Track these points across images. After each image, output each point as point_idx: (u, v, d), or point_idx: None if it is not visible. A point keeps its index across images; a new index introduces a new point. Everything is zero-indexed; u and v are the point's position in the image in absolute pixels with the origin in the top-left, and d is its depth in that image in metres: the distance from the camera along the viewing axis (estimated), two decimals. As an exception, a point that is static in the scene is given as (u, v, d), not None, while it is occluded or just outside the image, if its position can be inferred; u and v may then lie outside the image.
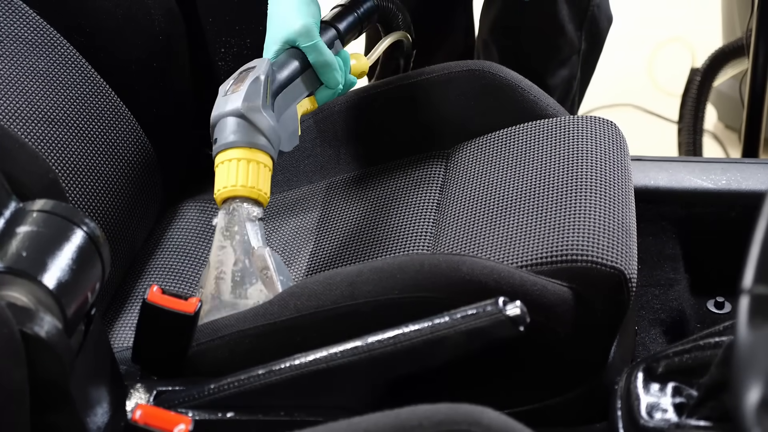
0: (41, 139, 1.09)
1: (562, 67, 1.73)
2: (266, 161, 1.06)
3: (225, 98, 1.07)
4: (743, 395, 0.55)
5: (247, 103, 1.05)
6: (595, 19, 1.73)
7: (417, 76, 1.28)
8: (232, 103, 1.06)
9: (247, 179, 1.04)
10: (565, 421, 1.02)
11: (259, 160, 1.05)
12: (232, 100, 1.06)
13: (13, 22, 1.16)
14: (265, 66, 1.09)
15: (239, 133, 1.05)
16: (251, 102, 1.05)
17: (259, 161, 1.05)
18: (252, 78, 1.07)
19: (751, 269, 0.60)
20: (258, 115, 1.05)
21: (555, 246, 0.99)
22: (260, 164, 1.05)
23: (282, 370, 0.87)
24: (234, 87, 1.08)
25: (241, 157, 1.04)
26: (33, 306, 0.73)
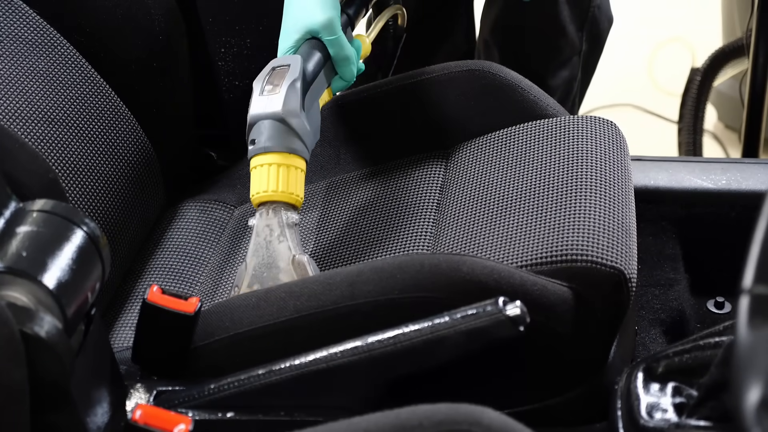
0: (41, 139, 1.09)
1: (562, 67, 1.73)
2: (302, 165, 1.08)
3: (262, 98, 1.07)
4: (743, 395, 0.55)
5: (287, 107, 1.06)
6: (595, 20, 1.73)
7: (417, 76, 1.28)
8: (271, 106, 1.06)
9: (286, 184, 1.06)
10: (565, 421, 1.02)
11: (296, 165, 1.07)
12: (272, 103, 1.06)
13: (13, 22, 1.16)
14: (299, 67, 1.09)
15: (278, 138, 1.06)
16: (290, 106, 1.06)
17: (296, 166, 1.07)
18: (290, 80, 1.07)
19: (751, 269, 0.60)
20: (296, 120, 1.06)
21: (555, 246, 0.99)
22: (297, 169, 1.07)
23: (282, 370, 0.87)
24: (271, 86, 1.08)
25: (279, 163, 1.06)
26: (33, 306, 0.73)
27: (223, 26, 1.33)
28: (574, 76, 1.76)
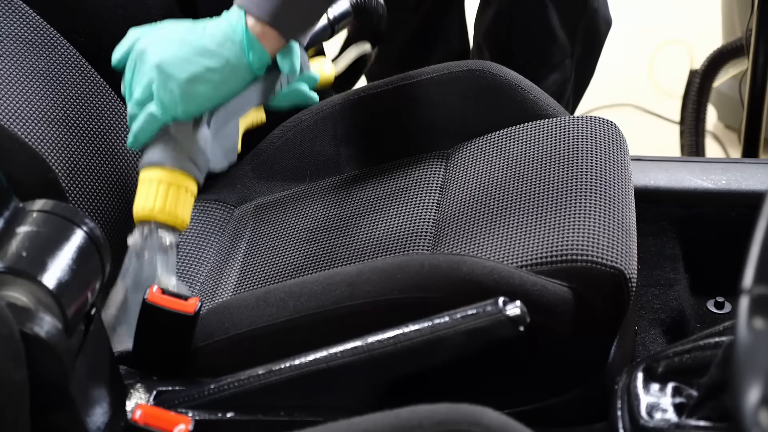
0: (41, 139, 1.09)
1: (553, 71, 1.73)
2: (190, 186, 1.02)
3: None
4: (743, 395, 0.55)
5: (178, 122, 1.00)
6: (593, 23, 1.74)
7: (417, 76, 1.28)
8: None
9: (165, 204, 1.00)
10: (565, 421, 1.02)
11: (183, 184, 1.02)
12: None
13: (13, 22, 1.16)
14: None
15: (165, 153, 1.01)
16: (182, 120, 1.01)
17: (181, 185, 1.01)
18: None
19: (751, 269, 0.60)
20: (188, 136, 1.01)
21: (555, 246, 0.99)
22: (182, 188, 1.01)
23: (282, 370, 0.87)
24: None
25: (163, 180, 1.01)
26: (33, 306, 0.73)
27: (223, 26, 1.33)
28: (567, 78, 1.76)
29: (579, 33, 1.72)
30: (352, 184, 1.26)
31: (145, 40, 1.01)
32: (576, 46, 1.73)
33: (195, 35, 1.00)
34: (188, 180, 1.02)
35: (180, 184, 1.01)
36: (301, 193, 1.29)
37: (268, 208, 1.29)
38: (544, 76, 1.72)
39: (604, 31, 1.77)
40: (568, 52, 1.73)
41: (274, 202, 1.30)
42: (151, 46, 0.99)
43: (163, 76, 0.98)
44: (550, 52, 1.71)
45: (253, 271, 1.18)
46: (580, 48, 1.74)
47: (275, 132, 1.33)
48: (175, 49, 0.99)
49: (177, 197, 1.01)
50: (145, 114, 0.99)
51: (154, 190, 1.00)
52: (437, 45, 1.83)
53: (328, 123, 1.31)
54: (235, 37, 0.99)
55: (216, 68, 0.98)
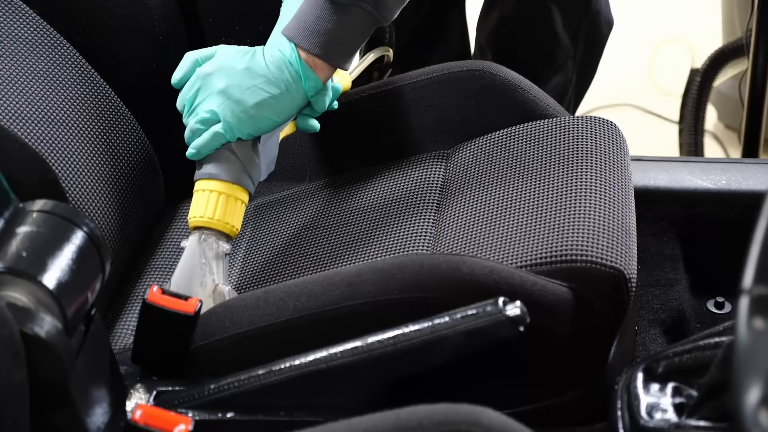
0: (41, 139, 1.09)
1: (556, 73, 1.74)
2: (244, 198, 1.10)
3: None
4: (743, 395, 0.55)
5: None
6: (594, 25, 1.74)
7: (417, 76, 1.28)
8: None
9: (224, 214, 1.08)
10: (565, 421, 1.02)
11: (238, 196, 1.09)
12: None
13: (13, 22, 1.16)
14: None
15: (226, 168, 1.08)
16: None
17: (237, 197, 1.09)
18: None
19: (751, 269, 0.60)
20: (247, 153, 1.09)
21: (555, 246, 0.99)
22: (238, 200, 1.09)
23: (282, 370, 0.87)
24: None
25: (221, 191, 1.08)
26: (33, 306, 0.73)
27: (223, 26, 1.33)
28: (569, 80, 1.76)
29: (581, 35, 1.72)
30: (352, 184, 1.26)
31: (210, 65, 1.08)
32: (578, 47, 1.73)
33: (256, 63, 1.07)
34: (242, 192, 1.09)
35: (235, 196, 1.09)
36: (301, 193, 1.29)
37: (268, 208, 1.29)
38: (547, 78, 1.72)
39: (606, 32, 1.77)
40: (571, 54, 1.73)
41: (274, 202, 1.30)
42: (218, 72, 1.07)
43: (231, 101, 1.06)
44: (553, 54, 1.71)
45: (253, 271, 1.18)
46: (582, 50, 1.74)
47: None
48: (241, 77, 1.07)
49: (233, 208, 1.09)
50: (211, 133, 1.07)
51: (214, 201, 1.08)
52: (438, 46, 1.83)
53: (328, 123, 1.31)
54: (291, 67, 1.07)
55: (278, 95, 1.07)
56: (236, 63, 1.07)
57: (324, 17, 1.06)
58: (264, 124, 1.08)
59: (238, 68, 1.07)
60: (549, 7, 1.68)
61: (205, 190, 1.08)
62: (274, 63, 1.07)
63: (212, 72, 1.08)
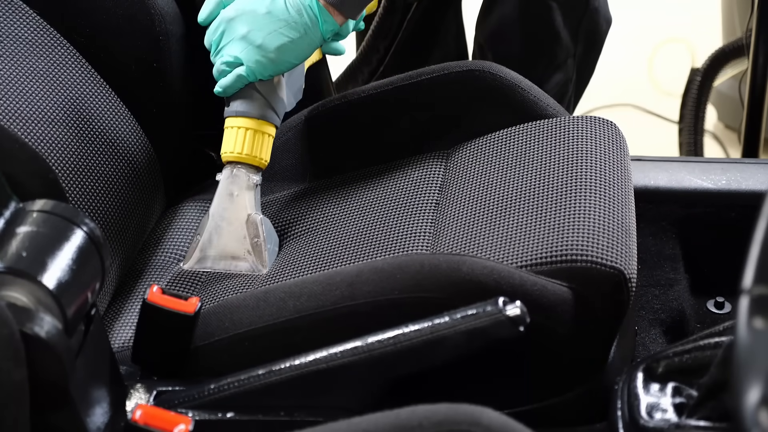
0: (41, 139, 1.09)
1: (556, 71, 1.74)
2: (271, 131, 1.18)
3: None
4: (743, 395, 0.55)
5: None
6: (593, 22, 1.74)
7: (417, 76, 1.28)
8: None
9: (252, 148, 1.16)
10: (565, 421, 1.02)
11: (265, 131, 1.17)
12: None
13: (13, 22, 1.16)
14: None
15: (251, 105, 1.16)
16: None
17: (264, 132, 1.17)
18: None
19: (751, 269, 0.60)
20: (271, 89, 1.16)
21: (555, 246, 0.99)
22: (265, 134, 1.17)
23: (282, 370, 0.87)
24: None
25: (249, 127, 1.16)
26: (33, 306, 0.73)
27: (223, 26, 1.33)
28: (569, 79, 1.76)
29: (581, 33, 1.72)
30: (352, 184, 1.26)
31: (233, 9, 1.14)
32: (578, 45, 1.73)
33: (276, 7, 1.12)
34: (269, 126, 1.18)
35: (263, 131, 1.17)
36: (301, 193, 1.29)
37: (268, 208, 1.29)
38: (548, 77, 1.72)
39: (605, 29, 1.77)
40: (571, 52, 1.73)
41: (274, 202, 1.30)
42: (241, 16, 1.13)
43: (253, 46, 1.12)
44: (554, 52, 1.71)
45: (253, 271, 1.18)
46: (581, 47, 1.74)
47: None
48: (263, 21, 1.12)
49: (261, 142, 1.17)
50: (235, 75, 1.14)
51: (242, 136, 1.16)
52: (434, 47, 1.83)
53: (328, 123, 1.31)
54: (311, 11, 1.12)
55: (297, 39, 1.13)
56: (258, 6, 1.12)
57: None
58: (284, 66, 1.14)
59: (260, 12, 1.12)
60: (549, 6, 1.68)
61: (233, 127, 1.16)
62: (294, 6, 1.12)
63: (235, 16, 1.13)
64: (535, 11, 1.70)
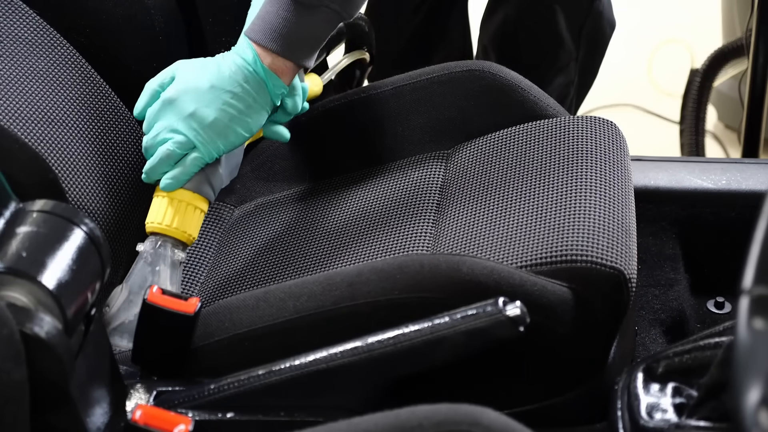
0: (41, 139, 1.09)
1: (559, 74, 1.74)
2: (204, 207, 1.10)
3: None
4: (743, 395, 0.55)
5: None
6: (597, 25, 1.74)
7: (417, 77, 1.28)
8: None
9: (182, 222, 1.08)
10: (565, 421, 1.02)
11: (198, 205, 1.10)
12: None
13: (13, 22, 1.16)
14: None
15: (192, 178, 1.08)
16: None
17: (197, 206, 1.10)
18: None
19: (751, 269, 0.60)
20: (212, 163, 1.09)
21: (555, 246, 0.99)
22: (197, 209, 1.10)
23: (282, 370, 0.87)
24: None
25: (182, 199, 1.08)
26: (33, 306, 0.73)
27: (223, 26, 1.33)
28: (571, 81, 1.77)
29: (584, 36, 1.72)
30: (351, 184, 1.26)
31: (173, 89, 1.07)
32: (580, 48, 1.73)
33: (220, 79, 1.06)
34: (202, 201, 1.10)
35: (195, 204, 1.09)
36: (301, 193, 1.29)
37: (268, 208, 1.29)
38: (550, 79, 1.72)
39: (608, 33, 1.77)
40: (573, 55, 1.73)
41: (274, 202, 1.30)
42: (183, 95, 1.06)
43: (204, 125, 1.06)
44: (556, 55, 1.72)
45: (253, 271, 1.18)
46: (584, 50, 1.74)
47: (275, 132, 1.33)
48: (208, 97, 1.06)
49: (191, 216, 1.09)
50: (190, 160, 1.07)
51: (172, 208, 1.08)
52: (439, 46, 1.83)
53: (328, 123, 1.31)
54: (256, 75, 1.07)
55: (246, 108, 1.07)
56: (200, 82, 1.07)
57: (288, 18, 1.06)
58: (237, 140, 1.08)
59: (203, 88, 1.06)
60: (553, 9, 1.68)
61: (165, 197, 1.09)
62: (239, 74, 1.06)
63: (177, 97, 1.06)
64: (538, 14, 1.70)
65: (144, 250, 1.09)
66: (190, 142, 1.06)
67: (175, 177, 1.07)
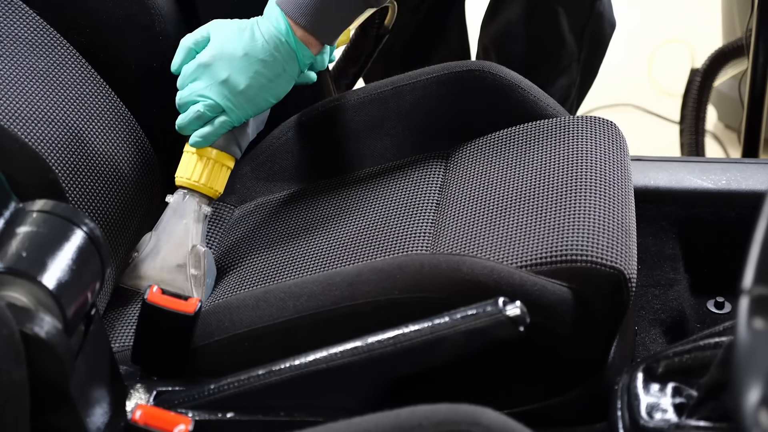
0: (41, 139, 1.09)
1: (561, 75, 1.74)
2: (230, 164, 1.17)
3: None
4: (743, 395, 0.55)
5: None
6: (598, 27, 1.74)
7: (417, 77, 1.28)
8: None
9: (209, 179, 1.15)
10: (565, 421, 1.02)
11: (225, 162, 1.16)
12: None
13: (13, 22, 1.16)
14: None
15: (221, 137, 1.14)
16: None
17: (224, 164, 1.16)
18: None
19: (751, 269, 0.60)
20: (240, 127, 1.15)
21: (555, 246, 0.99)
22: (224, 166, 1.16)
23: (282, 370, 0.87)
24: None
25: (210, 157, 1.15)
26: (33, 306, 0.73)
27: (223, 26, 1.33)
28: (573, 82, 1.77)
29: (585, 37, 1.73)
30: (351, 184, 1.26)
31: (208, 54, 1.12)
32: (582, 50, 1.73)
33: (253, 47, 1.11)
34: (229, 159, 1.17)
35: (222, 162, 1.16)
36: (301, 193, 1.29)
37: (268, 208, 1.29)
38: (553, 81, 1.72)
39: (609, 33, 1.78)
40: (575, 56, 1.73)
41: (274, 202, 1.30)
42: (218, 61, 1.12)
43: (235, 92, 1.11)
44: (558, 57, 1.72)
45: (253, 271, 1.18)
46: (585, 51, 1.74)
47: (275, 132, 1.33)
48: (242, 64, 1.11)
49: (218, 173, 1.16)
50: (219, 123, 1.13)
51: (201, 164, 1.15)
52: (437, 47, 1.83)
53: (328, 123, 1.31)
54: (288, 46, 1.12)
55: (276, 78, 1.12)
56: (235, 49, 1.11)
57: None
58: (264, 105, 1.14)
59: (238, 55, 1.11)
60: (555, 10, 1.68)
61: (194, 153, 1.15)
62: (271, 43, 1.11)
63: (212, 63, 1.12)
64: (540, 15, 1.70)
65: (173, 201, 1.16)
66: (220, 106, 1.11)
67: (203, 136, 1.13)
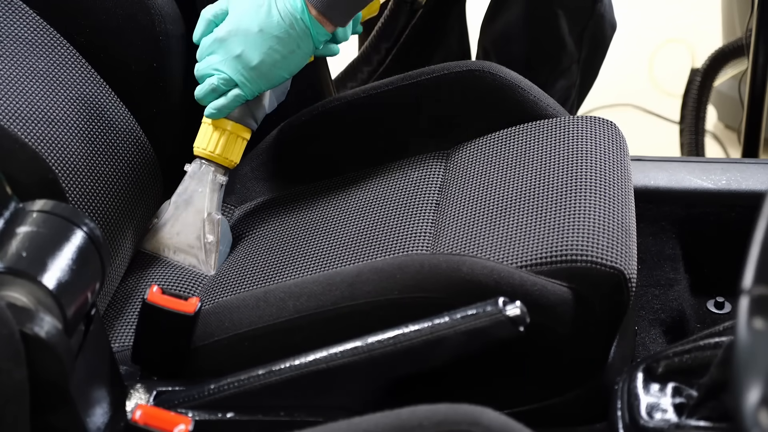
0: (41, 139, 1.09)
1: (561, 77, 1.74)
2: (246, 135, 1.21)
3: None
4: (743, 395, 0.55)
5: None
6: (598, 28, 1.74)
7: (417, 77, 1.28)
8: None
9: (225, 149, 1.19)
10: (565, 421, 1.02)
11: (240, 134, 1.20)
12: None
13: (13, 22, 1.16)
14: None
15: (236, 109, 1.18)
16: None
17: (240, 135, 1.20)
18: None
19: (751, 269, 0.60)
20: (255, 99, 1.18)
21: (555, 246, 0.99)
22: (239, 138, 1.20)
23: (282, 370, 0.87)
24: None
25: (225, 129, 1.19)
26: (33, 306, 0.73)
27: (223, 26, 1.33)
28: (573, 84, 1.77)
29: (585, 38, 1.73)
30: (351, 184, 1.26)
31: (224, 29, 1.15)
32: (582, 51, 1.73)
33: (269, 23, 1.13)
34: (244, 131, 1.20)
35: (237, 134, 1.20)
36: (301, 193, 1.29)
37: (268, 208, 1.29)
38: (553, 82, 1.72)
39: (609, 35, 1.78)
40: (575, 57, 1.73)
41: (274, 202, 1.30)
42: (233, 37, 1.14)
43: (249, 67, 1.14)
44: (558, 58, 1.72)
45: (253, 271, 1.18)
46: (585, 53, 1.74)
47: (275, 132, 1.33)
48: (255, 40, 1.13)
49: (233, 144, 1.20)
50: (232, 97, 1.15)
51: (217, 135, 1.19)
52: (438, 47, 1.83)
53: (328, 123, 1.31)
54: (302, 23, 1.13)
55: (289, 54, 1.14)
56: (250, 24, 1.13)
57: None
58: (277, 81, 1.16)
59: (253, 31, 1.13)
60: (555, 12, 1.68)
61: (210, 124, 1.19)
62: (286, 20, 1.12)
63: (228, 38, 1.14)
64: (540, 17, 1.70)
65: (191, 170, 1.20)
66: (234, 80, 1.14)
67: (218, 108, 1.16)
